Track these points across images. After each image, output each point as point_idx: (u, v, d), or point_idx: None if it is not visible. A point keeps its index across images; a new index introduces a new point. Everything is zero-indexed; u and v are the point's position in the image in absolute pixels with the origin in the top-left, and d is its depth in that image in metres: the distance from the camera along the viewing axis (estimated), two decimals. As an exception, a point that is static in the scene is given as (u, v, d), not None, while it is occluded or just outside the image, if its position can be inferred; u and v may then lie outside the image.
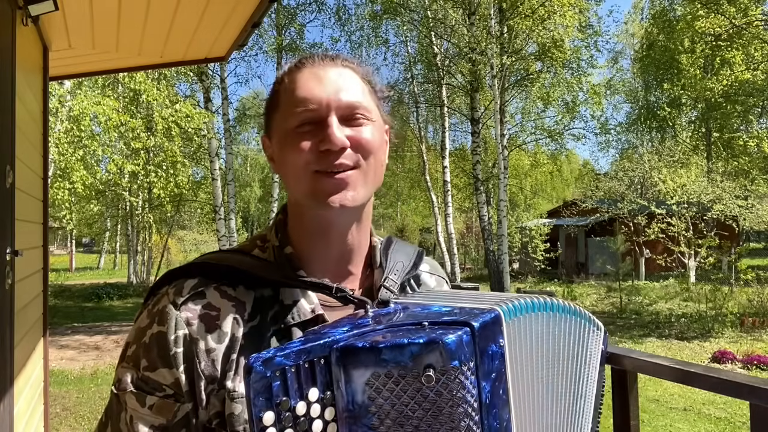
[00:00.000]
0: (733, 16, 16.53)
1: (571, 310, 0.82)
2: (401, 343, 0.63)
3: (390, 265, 0.88)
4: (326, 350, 0.65)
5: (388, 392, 0.63)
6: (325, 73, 0.82)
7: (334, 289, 0.78)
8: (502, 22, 15.92)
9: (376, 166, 0.84)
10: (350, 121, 0.81)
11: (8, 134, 2.65)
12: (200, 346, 0.75)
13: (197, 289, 0.78)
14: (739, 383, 1.13)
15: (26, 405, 3.16)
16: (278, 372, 0.63)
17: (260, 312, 0.78)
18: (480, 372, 0.65)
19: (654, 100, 26.44)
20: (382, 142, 0.87)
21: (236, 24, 3.56)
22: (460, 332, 0.64)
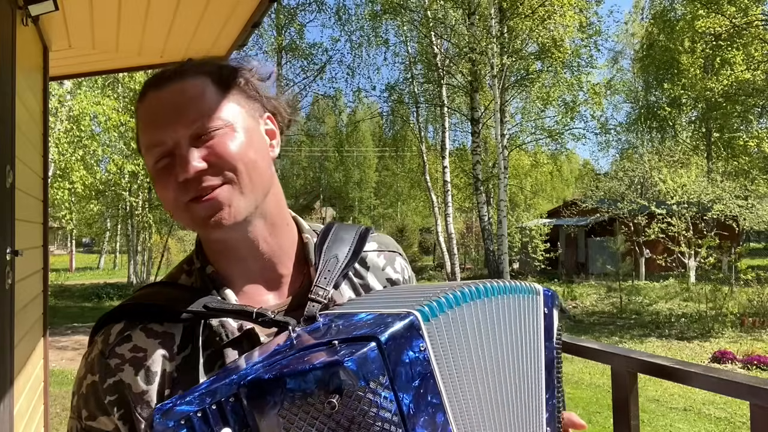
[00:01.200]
0: (733, 16, 16.53)
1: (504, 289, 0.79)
2: (304, 369, 0.62)
3: (321, 266, 0.84)
4: (234, 388, 0.64)
5: (302, 421, 0.61)
6: (163, 99, 0.78)
7: (254, 314, 0.75)
8: (502, 22, 15.92)
9: (251, 170, 0.78)
10: (202, 137, 0.76)
11: (8, 134, 2.65)
12: (133, 390, 0.75)
13: (123, 334, 0.78)
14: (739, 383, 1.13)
15: (26, 405, 3.16)
16: (183, 420, 0.62)
17: (191, 341, 0.77)
18: (396, 384, 0.63)
19: (654, 100, 26.45)
20: (253, 138, 0.80)
21: (236, 24, 3.56)
22: (365, 349, 0.62)
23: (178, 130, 0.76)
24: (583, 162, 38.45)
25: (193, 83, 0.78)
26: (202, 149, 0.76)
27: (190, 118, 0.76)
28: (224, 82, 0.81)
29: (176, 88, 0.78)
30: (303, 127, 28.42)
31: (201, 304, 0.77)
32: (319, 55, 18.60)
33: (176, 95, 0.77)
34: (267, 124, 0.85)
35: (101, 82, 14.11)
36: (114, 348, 0.77)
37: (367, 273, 0.93)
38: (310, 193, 36.14)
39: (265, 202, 0.82)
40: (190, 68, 0.81)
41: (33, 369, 3.44)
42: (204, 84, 0.79)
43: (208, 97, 0.78)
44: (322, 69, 18.50)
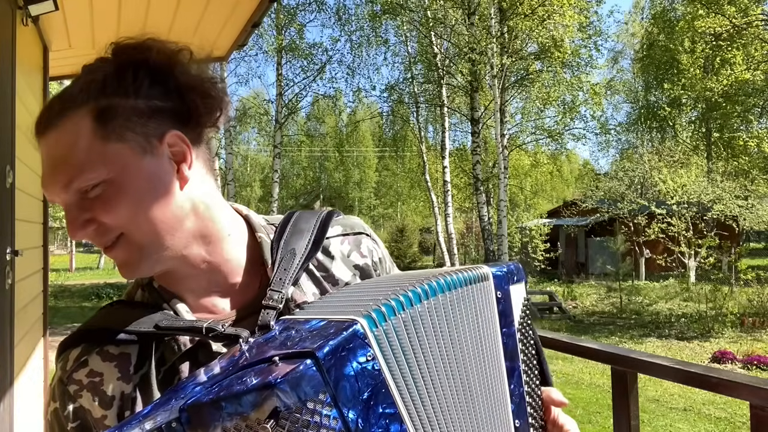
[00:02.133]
0: (733, 16, 16.54)
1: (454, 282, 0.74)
2: (239, 391, 0.59)
3: (276, 265, 0.79)
4: (175, 412, 0.62)
5: None
6: (44, 153, 0.72)
7: (204, 329, 0.71)
8: (502, 22, 15.93)
9: (143, 223, 0.71)
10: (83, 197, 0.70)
11: (8, 134, 2.66)
12: (93, 415, 0.74)
13: (80, 359, 0.76)
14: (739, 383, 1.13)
15: (26, 405, 3.16)
16: None
17: (146, 358, 0.75)
18: (340, 400, 0.60)
19: (654, 100, 26.46)
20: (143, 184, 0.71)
21: (236, 24, 3.56)
22: (301, 367, 0.58)
23: (58, 194, 0.71)
24: (583, 162, 38.45)
25: (66, 129, 0.70)
26: (87, 209, 0.71)
27: (64, 181, 0.70)
28: (105, 112, 0.70)
29: (52, 138, 0.71)
30: (303, 127, 28.46)
31: (152, 323, 0.74)
32: (319, 55, 18.59)
33: (51, 148, 0.71)
34: (171, 146, 0.73)
35: (101, 82, 14.13)
36: (72, 374, 0.75)
37: (331, 263, 0.86)
38: (310, 193, 36.15)
39: (183, 235, 0.75)
40: (66, 101, 0.72)
41: (33, 369, 3.44)
42: (78, 126, 0.70)
43: (81, 148, 0.69)
44: (322, 69, 18.50)
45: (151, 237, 0.72)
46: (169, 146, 0.73)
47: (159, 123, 0.73)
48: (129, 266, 0.74)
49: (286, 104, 18.01)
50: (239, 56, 18.07)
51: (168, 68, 0.74)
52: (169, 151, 0.73)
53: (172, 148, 0.73)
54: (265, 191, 34.04)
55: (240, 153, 33.88)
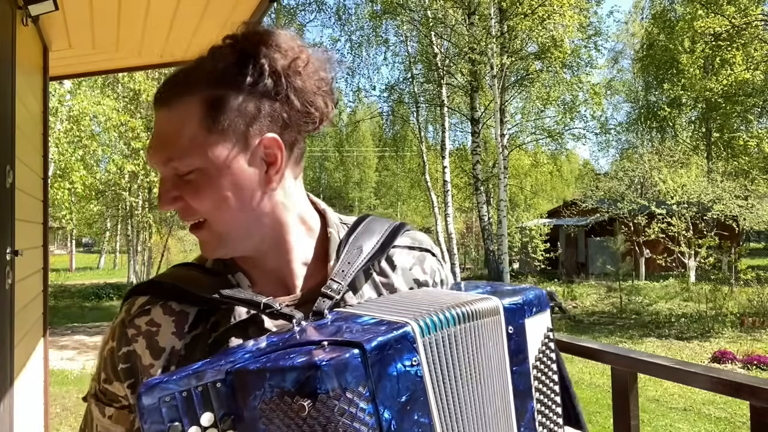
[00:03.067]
0: (733, 16, 16.54)
1: (471, 315, 0.73)
2: (283, 366, 0.60)
3: (343, 259, 0.81)
4: (221, 374, 0.64)
5: (278, 419, 0.60)
6: (156, 123, 0.77)
7: (262, 305, 0.75)
8: (502, 22, 15.93)
9: (225, 215, 0.75)
10: (179, 176, 0.75)
11: (8, 134, 2.66)
12: (143, 362, 0.77)
13: (144, 307, 0.80)
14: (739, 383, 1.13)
15: (26, 405, 3.16)
16: (167, 397, 0.63)
17: (202, 321, 0.79)
18: (379, 397, 0.60)
19: (654, 100, 26.44)
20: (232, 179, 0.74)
21: (236, 24, 3.55)
22: (347, 355, 0.59)
23: (158, 164, 0.76)
24: (583, 162, 38.45)
25: (178, 111, 0.74)
26: (179, 188, 0.75)
27: (164, 158, 0.74)
28: (216, 104, 0.73)
29: (164, 115, 0.75)
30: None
31: (215, 290, 0.77)
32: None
33: (162, 124, 0.75)
34: (267, 148, 0.76)
35: (101, 82, 14.11)
36: (133, 319, 0.79)
37: (392, 272, 0.88)
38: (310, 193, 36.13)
39: (261, 230, 0.79)
40: (185, 79, 0.75)
41: (33, 369, 3.44)
42: (189, 113, 0.73)
43: (187, 135, 0.73)
44: (322, 69, 18.45)
45: (230, 230, 0.76)
46: (265, 148, 0.76)
47: (262, 125, 0.75)
48: (209, 247, 0.79)
49: (286, 104, 17.96)
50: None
51: (285, 72, 0.75)
52: (263, 152, 0.76)
53: (267, 150, 0.76)
54: (265, 191, 33.95)
55: (240, 153, 33.78)
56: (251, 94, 0.74)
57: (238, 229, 0.77)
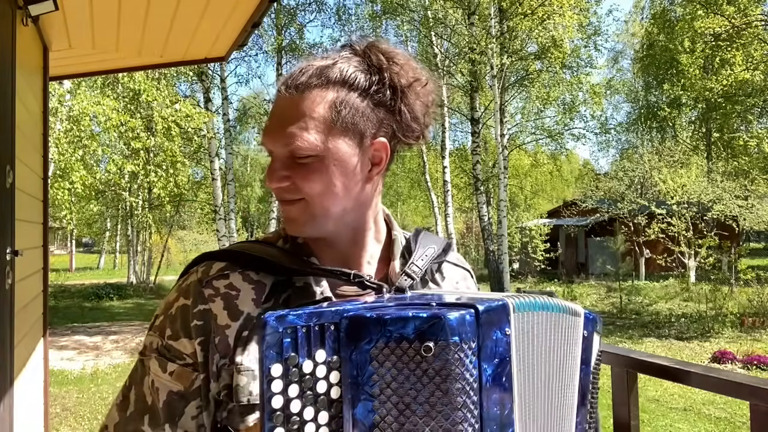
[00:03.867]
0: (732, 16, 16.53)
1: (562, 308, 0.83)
2: (405, 316, 0.66)
3: (419, 252, 0.91)
4: (337, 317, 0.68)
5: (390, 363, 0.65)
6: (280, 105, 0.82)
7: (352, 275, 0.83)
8: (502, 22, 15.92)
9: (327, 202, 0.82)
10: (295, 159, 0.81)
11: (8, 134, 2.66)
12: (218, 322, 0.81)
13: (223, 271, 0.84)
14: (739, 383, 1.13)
15: (26, 405, 3.16)
16: (290, 329, 0.67)
17: (274, 295, 0.84)
18: (482, 354, 0.67)
19: (654, 100, 26.43)
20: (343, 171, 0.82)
21: (236, 24, 3.56)
22: (463, 312, 0.66)
23: (276, 144, 0.82)
24: (583, 162, 38.43)
25: (310, 100, 0.81)
26: (290, 168, 0.81)
27: (288, 139, 0.80)
28: (343, 102, 0.81)
29: (294, 99, 0.81)
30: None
31: (299, 264, 0.84)
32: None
33: (291, 107, 0.81)
34: (376, 150, 0.84)
35: (101, 82, 14.10)
36: (212, 280, 0.83)
37: (443, 282, 0.98)
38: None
39: (345, 220, 0.86)
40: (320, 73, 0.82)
41: (33, 369, 3.44)
42: (319, 104, 0.80)
43: (313, 122, 0.80)
44: (322, 69, 18.45)
45: (325, 213, 0.83)
46: (374, 150, 0.85)
47: (376, 129, 0.84)
48: (297, 224, 0.84)
49: (286, 104, 17.95)
50: (239, 56, 18.06)
51: (402, 90, 0.84)
52: (372, 153, 0.85)
53: (376, 152, 0.85)
54: (265, 191, 34.01)
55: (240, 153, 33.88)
56: (373, 101, 0.83)
57: (332, 215, 0.84)
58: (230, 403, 0.79)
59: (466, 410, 0.64)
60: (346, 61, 0.83)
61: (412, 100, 0.84)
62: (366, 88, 0.82)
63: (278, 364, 0.66)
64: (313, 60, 0.85)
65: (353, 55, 0.85)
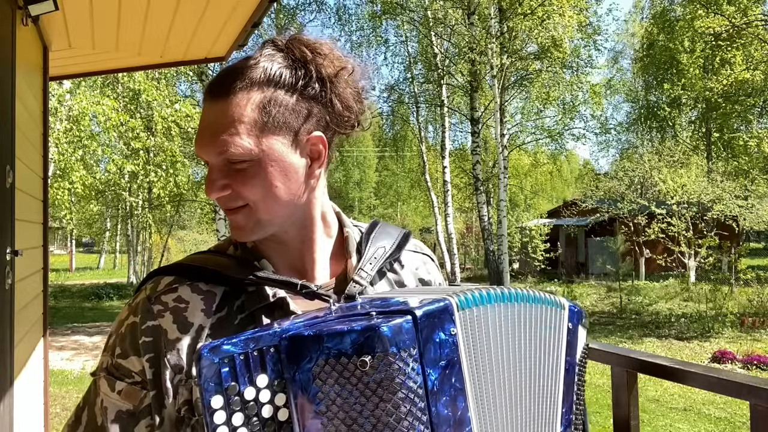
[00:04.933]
0: (733, 16, 16.53)
1: (530, 298, 0.81)
2: (341, 330, 0.66)
3: (368, 253, 0.89)
4: (276, 339, 0.68)
5: (332, 380, 0.65)
6: (208, 116, 0.81)
7: (299, 285, 0.81)
8: (502, 22, 15.92)
9: (271, 203, 0.81)
10: (229, 166, 0.80)
11: (8, 134, 2.66)
12: (168, 337, 0.79)
13: (172, 285, 0.83)
14: (739, 383, 1.13)
15: (26, 405, 3.16)
16: (226, 359, 0.66)
17: (227, 303, 0.83)
18: (425, 359, 0.66)
19: (654, 100, 26.43)
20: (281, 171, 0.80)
21: (236, 24, 3.56)
22: (400, 320, 0.66)
23: (210, 153, 0.80)
24: (583, 162, 38.44)
25: (234, 105, 0.79)
26: (228, 176, 0.80)
27: (220, 147, 0.79)
28: (271, 101, 0.79)
29: (219, 107, 0.79)
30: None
31: (247, 273, 0.83)
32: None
33: (218, 115, 0.79)
34: (312, 144, 0.83)
35: (101, 82, 14.10)
36: (160, 296, 0.82)
37: (401, 270, 0.97)
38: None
39: (291, 220, 0.85)
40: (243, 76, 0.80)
41: (33, 369, 3.44)
42: (246, 107, 0.79)
43: (244, 125, 0.78)
44: (322, 69, 18.46)
45: (270, 215, 0.82)
46: (311, 144, 0.83)
47: (310, 123, 0.82)
48: (243, 231, 0.83)
49: (286, 104, 17.97)
50: (239, 56, 18.04)
51: (330, 80, 0.83)
52: (309, 148, 0.83)
53: (313, 147, 0.84)
54: (265, 191, 33.96)
55: (240, 153, 33.81)
56: (302, 96, 0.81)
57: (278, 217, 0.83)
58: (192, 418, 0.78)
59: (412, 418, 0.65)
60: (269, 58, 0.82)
61: (341, 90, 0.83)
62: (293, 84, 0.81)
63: (218, 396, 0.66)
64: (235, 63, 0.83)
65: (276, 52, 0.83)
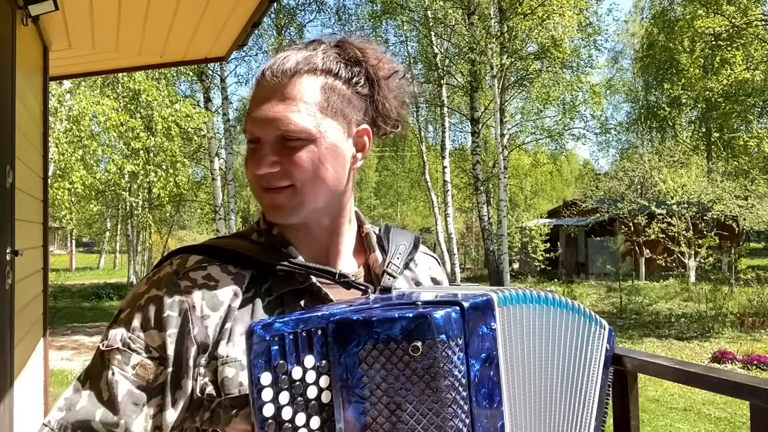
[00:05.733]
0: (733, 16, 16.53)
1: (568, 306, 0.83)
2: (392, 317, 0.66)
3: (393, 249, 0.91)
4: (324, 322, 0.69)
5: (379, 364, 0.65)
6: (267, 92, 0.82)
7: (337, 275, 0.82)
8: (502, 22, 15.92)
9: (316, 185, 0.82)
10: (285, 143, 0.81)
11: (8, 134, 2.66)
12: (196, 313, 0.78)
13: (202, 264, 0.82)
14: (739, 383, 1.13)
15: (26, 405, 3.16)
16: (277, 337, 0.67)
17: (255, 286, 0.83)
18: (469, 350, 0.68)
19: (654, 100, 26.43)
20: (332, 155, 0.83)
21: (236, 24, 3.56)
22: (449, 310, 0.67)
23: (266, 129, 0.81)
24: (583, 162, 38.43)
25: (299, 85, 0.82)
26: (280, 154, 0.81)
27: (279, 122, 0.80)
28: (332, 88, 0.83)
29: (282, 84, 0.82)
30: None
31: (280, 258, 0.83)
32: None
33: (279, 92, 0.81)
34: (360, 136, 0.87)
35: (101, 82, 14.10)
36: (188, 272, 0.81)
37: (416, 269, 1.00)
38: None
39: (328, 207, 0.87)
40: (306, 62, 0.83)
41: (33, 369, 3.44)
42: (309, 88, 0.82)
43: (304, 105, 0.81)
44: (322, 69, 18.47)
45: (313, 197, 0.83)
46: (359, 136, 0.87)
47: (359, 116, 0.87)
48: (283, 211, 0.83)
49: (286, 104, 17.97)
50: (239, 56, 18.06)
51: (381, 81, 0.88)
52: (356, 139, 0.87)
53: (359, 138, 0.87)
54: (265, 191, 33.91)
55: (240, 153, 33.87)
56: (355, 91, 0.86)
57: (319, 201, 0.84)
58: (212, 402, 0.77)
59: (456, 406, 0.66)
60: (325, 52, 0.85)
61: (388, 92, 0.88)
62: (349, 78, 0.85)
63: (267, 373, 0.66)
64: (291, 49, 0.86)
65: (329, 48, 0.86)
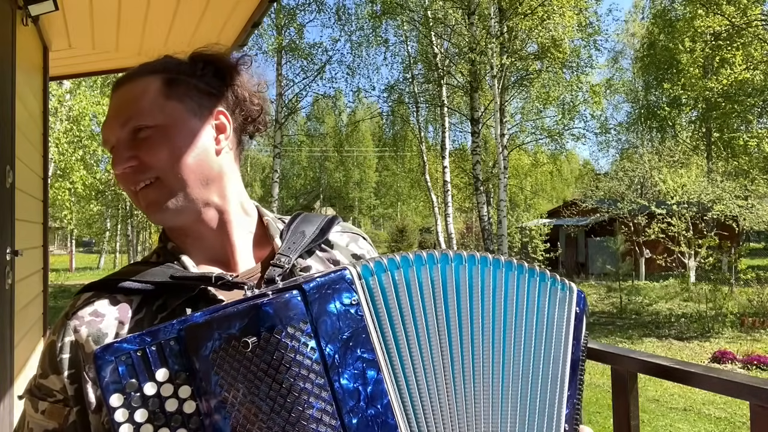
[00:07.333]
0: (732, 16, 16.53)
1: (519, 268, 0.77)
2: (230, 313, 0.64)
3: (288, 239, 0.89)
4: (174, 332, 0.67)
5: (228, 365, 0.63)
6: (113, 101, 0.85)
7: (214, 278, 0.80)
8: (502, 22, 15.92)
9: (180, 170, 0.83)
10: (134, 137, 0.83)
11: (8, 134, 2.66)
12: (86, 350, 0.79)
13: (90, 300, 0.83)
14: (739, 383, 1.13)
15: (26, 405, 3.15)
16: (123, 357, 0.66)
17: (146, 306, 0.82)
18: (320, 333, 0.64)
19: (654, 100, 26.42)
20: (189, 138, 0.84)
21: (236, 24, 3.56)
22: (287, 295, 0.64)
23: (115, 131, 0.84)
24: (583, 162, 38.42)
25: (139, 84, 0.85)
26: (134, 148, 0.83)
27: (124, 120, 0.83)
28: (174, 80, 0.85)
29: (124, 90, 0.85)
30: (303, 127, 28.44)
31: (166, 275, 0.83)
32: (319, 55, 18.58)
33: (122, 97, 0.85)
34: (217, 118, 0.88)
35: (101, 82, 14.10)
36: (77, 311, 0.82)
37: (332, 250, 0.97)
38: (310, 193, 36.12)
39: (207, 194, 0.86)
40: (145, 68, 0.87)
41: (33, 369, 3.43)
42: (149, 84, 0.85)
43: (147, 98, 0.83)
44: (321, 69, 18.49)
45: (181, 184, 0.83)
46: (215, 118, 0.88)
47: (212, 101, 0.88)
48: (157, 207, 0.84)
49: (286, 104, 18.00)
50: (239, 56, 18.04)
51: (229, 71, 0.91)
52: (213, 121, 0.88)
53: (217, 121, 0.88)
54: (265, 191, 34.01)
55: (240, 153, 33.77)
56: (201, 80, 0.88)
57: (188, 183, 0.84)
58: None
59: (308, 395, 0.62)
60: (168, 57, 0.90)
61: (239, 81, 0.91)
62: (193, 72, 0.88)
63: (117, 394, 0.65)
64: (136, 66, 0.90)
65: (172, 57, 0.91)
